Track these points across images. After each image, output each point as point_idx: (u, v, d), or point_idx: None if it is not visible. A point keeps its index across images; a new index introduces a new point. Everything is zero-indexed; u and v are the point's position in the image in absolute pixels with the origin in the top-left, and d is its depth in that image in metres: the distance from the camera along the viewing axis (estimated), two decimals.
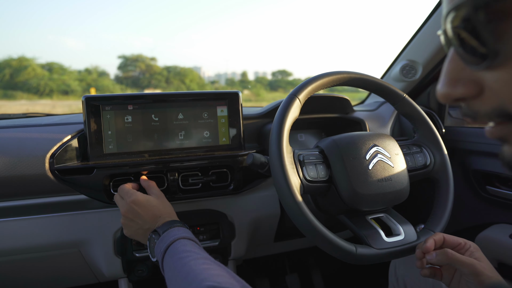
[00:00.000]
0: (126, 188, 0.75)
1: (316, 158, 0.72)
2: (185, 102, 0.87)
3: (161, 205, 0.73)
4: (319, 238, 0.63)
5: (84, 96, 0.81)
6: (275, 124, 0.68)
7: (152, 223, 0.71)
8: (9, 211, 0.82)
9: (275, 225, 1.00)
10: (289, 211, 0.64)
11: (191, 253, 0.60)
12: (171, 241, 0.63)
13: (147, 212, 0.71)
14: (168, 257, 0.62)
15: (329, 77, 0.74)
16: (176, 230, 0.66)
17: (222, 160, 0.86)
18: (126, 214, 0.72)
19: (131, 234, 0.74)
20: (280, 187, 0.64)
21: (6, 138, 0.79)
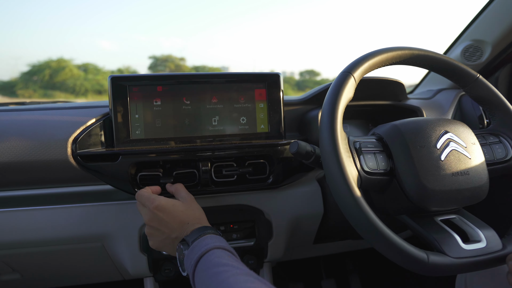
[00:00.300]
0: (147, 194, 0.65)
1: (374, 146, 0.61)
2: (220, 84, 0.78)
3: (189, 210, 0.64)
4: (381, 241, 0.51)
5: (110, 75, 0.74)
6: (327, 105, 0.57)
7: (180, 231, 0.61)
8: (30, 200, 0.76)
9: (317, 225, 0.89)
10: (345, 207, 0.53)
11: (228, 267, 0.50)
12: (203, 251, 0.54)
13: (174, 219, 0.61)
14: (200, 272, 0.52)
15: (389, 53, 0.62)
16: (208, 239, 0.57)
17: (260, 150, 0.76)
18: (150, 223, 0.63)
19: (157, 245, 0.64)
20: (334, 178, 0.53)
21: (27, 121, 0.72)
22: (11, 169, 0.70)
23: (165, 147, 0.74)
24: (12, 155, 0.69)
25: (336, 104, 0.57)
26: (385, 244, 0.51)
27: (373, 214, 0.52)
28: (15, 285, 0.90)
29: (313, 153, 0.65)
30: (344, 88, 0.58)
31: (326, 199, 0.85)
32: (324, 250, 1.08)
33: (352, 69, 0.60)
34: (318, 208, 0.85)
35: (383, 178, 0.59)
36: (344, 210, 0.54)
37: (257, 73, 0.79)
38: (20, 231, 0.73)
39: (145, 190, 0.67)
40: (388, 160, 0.60)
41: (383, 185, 0.60)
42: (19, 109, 0.77)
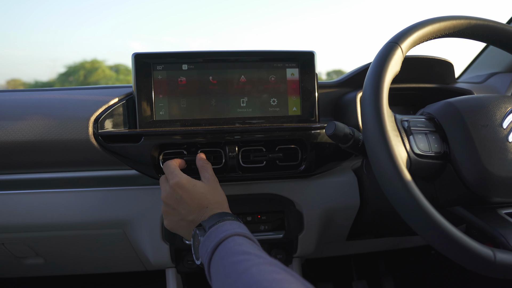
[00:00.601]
0: (172, 167, 0.61)
1: (425, 126, 0.53)
2: (249, 63, 0.72)
3: (210, 193, 0.58)
4: (437, 233, 0.43)
5: (134, 53, 0.70)
6: (371, 77, 0.50)
7: (197, 214, 0.56)
8: (52, 184, 0.74)
9: (351, 219, 0.81)
10: (392, 193, 0.46)
11: (250, 255, 0.43)
12: (221, 238, 0.48)
13: (192, 200, 0.56)
14: (217, 260, 0.46)
15: (442, 22, 0.54)
16: (227, 225, 0.51)
17: (292, 133, 0.70)
18: (167, 200, 0.58)
19: (172, 226, 0.59)
20: (379, 159, 0.46)
21: (48, 99, 0.70)
22: (33, 149, 0.68)
23: (190, 129, 0.69)
24: (34, 133, 0.67)
25: (382, 76, 0.49)
26: (441, 238, 0.44)
27: (427, 202, 0.44)
28: (39, 269, 0.89)
29: (352, 135, 0.58)
30: (391, 60, 0.51)
31: (363, 191, 0.77)
32: (357, 248, 1.00)
33: (400, 39, 0.52)
34: (354, 200, 0.77)
35: (436, 162, 0.51)
36: (391, 197, 0.46)
37: (289, 51, 0.72)
38: (41, 214, 0.71)
39: (173, 162, 0.62)
40: (442, 142, 0.52)
41: (435, 171, 0.52)
42: (42, 89, 0.75)
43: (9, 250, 0.79)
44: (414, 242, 1.02)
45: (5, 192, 0.72)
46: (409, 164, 0.49)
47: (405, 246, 1.05)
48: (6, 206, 0.71)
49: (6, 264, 0.85)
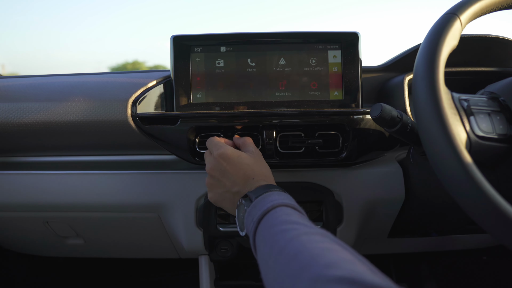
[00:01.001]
0: (215, 140, 0.60)
1: (488, 105, 0.47)
2: (288, 45, 0.69)
3: (256, 164, 0.56)
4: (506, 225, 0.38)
5: (173, 35, 0.69)
6: (425, 51, 0.45)
7: (243, 186, 0.54)
8: (91, 165, 0.76)
9: (395, 213, 0.75)
10: (449, 178, 0.41)
11: (299, 225, 0.41)
12: (268, 207, 0.46)
13: (237, 171, 0.54)
14: (264, 229, 0.44)
15: None
16: (275, 195, 0.48)
17: (333, 118, 0.66)
18: (212, 172, 0.57)
19: (216, 199, 0.58)
20: (435, 140, 0.41)
21: (89, 82, 0.71)
22: (75, 129, 0.69)
23: (226, 111, 0.67)
24: (76, 114, 0.68)
25: (437, 49, 0.44)
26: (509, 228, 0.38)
27: (491, 187, 0.39)
28: (80, 250, 0.92)
29: (400, 119, 0.54)
30: (448, 32, 0.46)
31: (408, 183, 0.71)
32: (399, 247, 0.94)
33: (459, 10, 0.47)
34: (398, 192, 0.72)
35: (500, 145, 0.45)
36: (447, 182, 0.41)
37: (332, 32, 0.69)
38: (80, 194, 0.73)
39: (216, 137, 0.61)
40: (508, 124, 0.46)
41: (499, 156, 0.47)
42: (84, 73, 0.77)
43: (52, 229, 0.82)
44: (462, 245, 0.93)
45: (50, 172, 0.74)
46: (469, 146, 0.44)
47: (452, 248, 0.97)
48: (50, 185, 0.74)
49: (51, 243, 0.89)
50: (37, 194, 0.74)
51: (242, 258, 0.77)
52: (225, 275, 0.82)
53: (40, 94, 0.71)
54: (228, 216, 0.72)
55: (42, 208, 0.76)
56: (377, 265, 1.11)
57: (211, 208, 0.71)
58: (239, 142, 0.62)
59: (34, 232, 0.85)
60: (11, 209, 0.77)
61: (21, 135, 0.71)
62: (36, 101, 0.70)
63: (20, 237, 0.90)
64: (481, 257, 1.13)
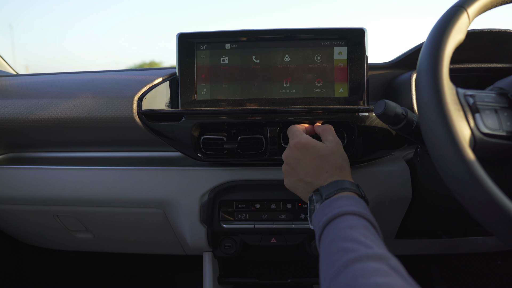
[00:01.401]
0: (294, 128, 0.60)
1: (495, 101, 0.46)
2: (293, 41, 0.69)
3: (331, 156, 0.55)
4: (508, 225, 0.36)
5: (178, 33, 0.70)
6: (429, 44, 0.44)
7: (315, 178, 0.54)
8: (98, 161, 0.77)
9: (402, 214, 0.74)
10: (451, 176, 0.39)
11: (359, 245, 0.39)
12: (333, 215, 0.45)
13: (311, 162, 0.54)
14: (326, 240, 0.44)
15: None
16: (343, 199, 0.48)
17: (338, 115, 0.65)
18: (287, 160, 0.57)
19: (290, 185, 0.58)
20: (436, 137, 0.40)
21: (97, 79, 0.73)
22: (82, 125, 0.71)
23: (230, 109, 0.67)
24: (83, 110, 0.70)
25: (443, 42, 0.43)
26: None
27: (495, 186, 0.37)
28: (89, 244, 0.94)
29: (405, 116, 0.52)
30: (454, 25, 0.44)
31: (415, 182, 0.70)
32: (407, 248, 0.92)
33: (466, 3, 0.45)
34: (405, 192, 0.70)
35: (507, 143, 0.44)
36: (449, 181, 0.40)
37: (337, 28, 0.68)
38: (88, 189, 0.74)
39: (296, 126, 0.61)
40: None
41: (506, 154, 0.45)
42: (92, 71, 0.79)
43: (62, 223, 0.84)
44: (475, 248, 0.91)
45: (59, 167, 0.76)
46: (473, 143, 0.43)
47: (464, 251, 0.94)
48: (59, 179, 0.75)
49: (62, 236, 0.91)
50: (47, 188, 0.76)
51: (245, 256, 0.77)
52: (228, 272, 0.83)
53: (50, 91, 0.72)
54: (232, 213, 0.72)
55: (52, 202, 0.78)
56: None
57: (215, 205, 0.71)
58: (319, 130, 0.61)
59: (45, 225, 0.87)
60: (23, 202, 0.79)
61: (32, 131, 0.74)
62: (47, 98, 0.71)
63: (32, 230, 0.92)
64: (496, 261, 1.10)
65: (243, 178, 0.71)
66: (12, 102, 0.72)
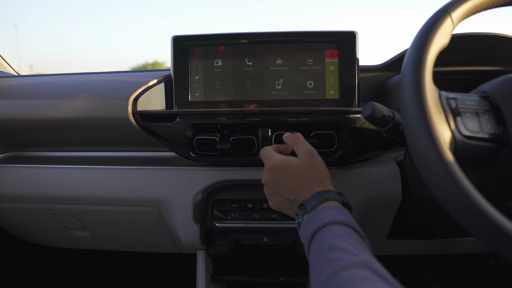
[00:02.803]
0: (265, 152, 0.60)
1: (477, 104, 0.47)
2: (285, 44, 0.70)
3: (308, 170, 0.55)
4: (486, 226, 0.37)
5: (173, 35, 0.71)
6: (413, 48, 0.45)
7: (298, 195, 0.54)
8: (94, 161, 0.79)
9: (392, 214, 0.75)
10: (431, 178, 0.40)
11: (344, 253, 0.41)
12: (318, 226, 0.46)
13: (290, 181, 0.55)
14: (314, 252, 0.45)
15: None
16: (325, 210, 0.48)
17: (329, 118, 0.66)
18: (267, 184, 0.57)
19: (276, 206, 0.58)
20: (417, 139, 0.41)
21: (93, 81, 0.75)
22: (78, 125, 0.72)
23: (223, 110, 0.69)
24: (80, 111, 0.71)
25: (426, 46, 0.44)
26: (498, 236, 0.37)
27: (473, 188, 0.38)
28: (86, 242, 0.95)
29: (392, 118, 0.54)
30: (438, 29, 0.45)
31: (406, 184, 0.71)
32: (400, 249, 0.93)
33: (451, 8, 0.47)
34: (395, 193, 0.71)
35: (487, 145, 0.45)
36: (430, 183, 0.41)
37: (328, 31, 0.69)
38: (84, 187, 0.76)
39: (268, 148, 0.60)
40: (496, 124, 0.45)
41: (487, 156, 0.46)
42: (89, 72, 0.80)
43: (60, 220, 0.86)
44: (467, 248, 0.91)
45: (56, 166, 0.78)
46: (454, 146, 0.44)
47: (458, 251, 0.95)
48: (56, 178, 0.77)
49: (60, 234, 0.93)
50: (44, 186, 0.78)
51: (239, 254, 0.78)
52: (222, 270, 0.84)
53: (48, 92, 0.74)
54: (224, 212, 0.73)
55: (49, 200, 0.79)
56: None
57: (208, 204, 0.72)
58: (289, 141, 0.60)
59: (43, 223, 0.89)
60: (21, 200, 0.81)
61: (30, 131, 0.75)
62: (45, 99, 0.73)
63: (30, 228, 0.94)
64: (490, 262, 1.10)
65: (236, 178, 0.72)
66: (11, 102, 0.74)
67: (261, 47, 0.70)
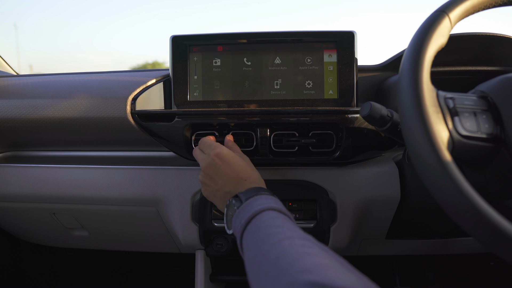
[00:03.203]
0: (209, 141, 0.62)
1: (475, 104, 0.47)
2: (284, 44, 0.70)
3: (248, 167, 0.58)
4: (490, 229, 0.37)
5: (172, 35, 0.71)
6: (411, 48, 0.45)
7: (235, 186, 0.56)
8: (93, 160, 0.79)
9: (391, 214, 0.75)
10: (429, 177, 0.41)
11: (283, 229, 0.43)
12: (256, 211, 0.48)
13: (231, 171, 0.57)
14: (250, 233, 0.46)
15: None
16: (263, 199, 0.50)
17: (327, 118, 0.66)
18: (206, 170, 0.59)
19: (208, 194, 0.60)
20: (414, 139, 0.41)
21: (92, 81, 0.75)
22: (77, 125, 0.72)
23: (221, 110, 0.69)
24: (79, 111, 0.71)
25: (423, 46, 0.44)
26: (496, 236, 0.37)
27: (471, 187, 0.38)
28: (85, 242, 0.95)
29: (390, 118, 0.54)
30: (436, 29, 0.45)
31: (404, 183, 0.71)
32: (399, 248, 0.93)
33: (448, 8, 0.47)
34: (393, 192, 0.71)
35: (485, 145, 0.45)
36: (428, 182, 0.41)
37: (327, 31, 0.69)
38: (83, 187, 0.76)
39: (208, 137, 0.63)
40: (494, 124, 0.46)
41: (485, 156, 0.46)
42: (88, 72, 0.81)
43: (59, 220, 0.86)
44: (466, 248, 0.92)
45: (55, 166, 0.78)
46: (451, 145, 0.44)
47: (456, 251, 0.95)
48: (55, 178, 0.77)
49: (59, 234, 0.93)
50: (43, 186, 0.78)
51: (237, 254, 0.78)
52: (221, 270, 0.84)
53: (47, 92, 0.74)
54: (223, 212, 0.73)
55: (48, 200, 0.79)
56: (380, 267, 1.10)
57: (207, 204, 0.72)
58: (229, 145, 0.64)
59: (42, 223, 0.89)
60: (20, 200, 0.81)
61: (29, 130, 0.75)
62: (44, 98, 0.73)
63: (30, 228, 0.94)
64: (489, 262, 1.10)
65: None
66: (10, 102, 0.74)
67: (259, 47, 0.70)
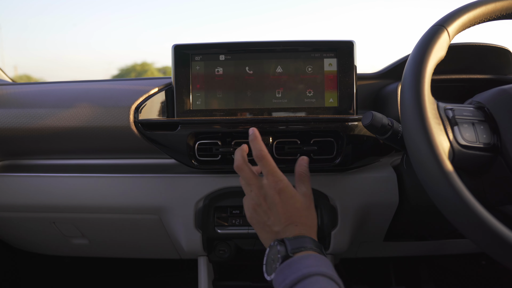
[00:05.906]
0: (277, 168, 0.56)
1: (473, 115, 0.49)
2: (285, 53, 0.71)
3: (304, 211, 0.54)
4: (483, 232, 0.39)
5: (174, 44, 0.72)
6: (412, 62, 0.47)
7: (284, 228, 0.52)
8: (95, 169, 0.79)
9: (389, 218, 0.77)
10: (431, 186, 0.42)
11: None
12: (304, 274, 0.44)
13: (286, 211, 0.53)
14: None
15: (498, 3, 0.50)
16: (311, 259, 0.47)
17: (328, 125, 0.68)
18: (261, 199, 0.55)
19: (254, 223, 0.57)
20: (418, 149, 0.43)
21: (94, 89, 0.75)
22: (79, 134, 0.72)
23: (224, 118, 0.70)
24: (81, 120, 0.71)
25: (424, 60, 0.46)
26: (495, 241, 0.39)
27: (473, 197, 0.40)
28: (85, 250, 0.95)
29: (391, 127, 0.56)
30: (435, 43, 0.48)
31: (402, 188, 0.73)
32: (396, 250, 0.95)
33: (446, 22, 0.49)
34: (392, 197, 0.73)
35: (483, 154, 0.47)
36: (430, 190, 0.43)
37: (327, 40, 0.71)
38: (85, 196, 0.76)
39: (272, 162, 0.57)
40: (491, 134, 0.48)
41: (483, 164, 0.48)
42: (89, 80, 0.81)
43: (59, 229, 0.85)
44: (461, 249, 0.95)
45: (56, 175, 0.77)
46: (452, 155, 0.46)
47: (451, 252, 0.98)
48: (56, 187, 0.77)
49: (58, 242, 0.92)
50: (44, 195, 0.77)
51: (240, 259, 0.79)
52: (223, 276, 0.85)
53: (47, 101, 0.74)
54: (226, 219, 0.74)
55: (49, 209, 0.79)
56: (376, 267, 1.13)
57: (210, 211, 0.73)
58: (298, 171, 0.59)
59: (42, 232, 0.88)
60: (19, 209, 0.80)
61: (30, 140, 0.75)
62: (44, 107, 0.73)
63: (29, 237, 0.93)
64: (480, 261, 1.14)
65: (237, 185, 0.73)
66: (9, 111, 0.74)
67: (261, 56, 0.71)
